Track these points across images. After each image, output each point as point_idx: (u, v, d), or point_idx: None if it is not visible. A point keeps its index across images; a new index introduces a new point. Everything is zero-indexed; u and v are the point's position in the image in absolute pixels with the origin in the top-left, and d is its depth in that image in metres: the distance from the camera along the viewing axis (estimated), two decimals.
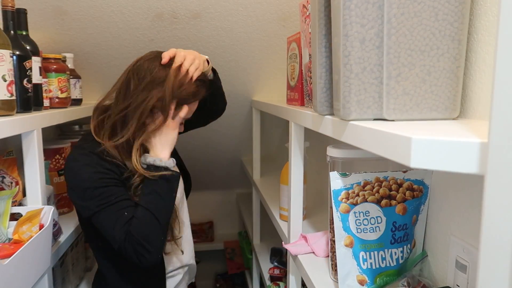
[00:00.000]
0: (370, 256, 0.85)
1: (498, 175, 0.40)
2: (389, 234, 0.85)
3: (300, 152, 1.20)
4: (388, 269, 0.86)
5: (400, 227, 0.86)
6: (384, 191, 0.85)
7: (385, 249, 0.86)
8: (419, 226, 0.90)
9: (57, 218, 1.27)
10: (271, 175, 2.13)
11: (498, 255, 0.40)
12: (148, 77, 1.08)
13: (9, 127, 0.96)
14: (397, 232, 0.86)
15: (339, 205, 0.84)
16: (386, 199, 0.85)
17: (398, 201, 0.85)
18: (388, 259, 0.86)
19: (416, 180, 0.87)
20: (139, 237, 1.04)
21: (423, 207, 0.89)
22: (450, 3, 0.64)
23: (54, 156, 1.53)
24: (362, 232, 0.85)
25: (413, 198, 0.86)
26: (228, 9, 1.63)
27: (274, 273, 1.82)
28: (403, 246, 0.87)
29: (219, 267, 2.96)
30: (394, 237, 0.86)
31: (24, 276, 0.94)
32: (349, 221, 0.85)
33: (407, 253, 0.88)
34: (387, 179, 0.85)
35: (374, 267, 0.85)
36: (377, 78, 0.66)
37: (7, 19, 1.10)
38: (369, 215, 0.84)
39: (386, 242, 0.85)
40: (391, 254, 0.86)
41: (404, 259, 0.87)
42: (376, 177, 0.85)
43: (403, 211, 0.85)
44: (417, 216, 0.88)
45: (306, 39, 1.00)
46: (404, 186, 0.86)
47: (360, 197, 0.84)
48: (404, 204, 0.85)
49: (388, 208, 0.85)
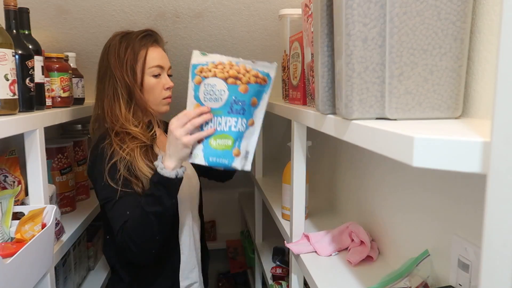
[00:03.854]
0: (211, 120, 1.05)
1: (500, 174, 0.40)
2: (228, 105, 1.03)
3: (302, 151, 1.20)
4: (222, 133, 1.05)
5: (239, 102, 1.03)
6: (233, 72, 1.02)
7: (222, 116, 1.04)
8: (259, 110, 1.07)
9: (60, 217, 1.27)
10: (273, 174, 2.12)
11: (500, 254, 0.40)
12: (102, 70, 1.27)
13: (11, 126, 0.97)
14: (235, 105, 1.03)
15: (194, 77, 1.03)
16: (233, 79, 1.02)
17: (242, 82, 1.02)
18: (223, 125, 1.05)
19: (263, 72, 1.03)
20: (130, 232, 1.09)
21: (265, 95, 1.06)
22: (452, 2, 0.64)
23: (56, 155, 1.54)
24: (208, 101, 1.03)
25: (256, 83, 1.03)
26: (230, 8, 1.63)
27: (277, 272, 1.81)
28: (238, 118, 1.05)
29: (221, 266, 2.96)
30: (231, 108, 1.04)
31: (26, 275, 0.94)
32: (199, 91, 1.03)
33: (242, 126, 1.05)
34: (238, 65, 1.02)
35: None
36: (380, 77, 0.66)
37: (9, 18, 1.10)
38: (215, 88, 1.02)
39: (224, 111, 1.04)
40: (226, 121, 1.05)
41: (238, 130, 1.05)
42: (229, 61, 1.03)
43: (244, 90, 1.02)
44: (258, 100, 1.05)
45: (309, 38, 1.00)
46: (251, 73, 1.02)
47: (212, 72, 1.02)
48: (247, 86, 1.02)
49: (232, 85, 1.02)
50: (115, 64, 1.23)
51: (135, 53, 1.24)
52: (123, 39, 1.26)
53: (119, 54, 1.23)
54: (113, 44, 1.26)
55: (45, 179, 1.16)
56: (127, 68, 1.23)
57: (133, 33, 1.28)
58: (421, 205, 0.94)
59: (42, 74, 1.23)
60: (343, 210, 1.48)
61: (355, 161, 1.34)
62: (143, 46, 1.26)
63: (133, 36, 1.26)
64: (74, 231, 1.39)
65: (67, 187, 1.58)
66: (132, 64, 1.24)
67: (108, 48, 1.26)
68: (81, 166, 1.73)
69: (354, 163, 1.35)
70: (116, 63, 1.23)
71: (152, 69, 1.26)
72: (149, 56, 1.26)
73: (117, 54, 1.23)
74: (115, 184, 1.14)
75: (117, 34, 1.28)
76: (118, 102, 1.23)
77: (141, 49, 1.25)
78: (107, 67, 1.24)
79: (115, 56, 1.23)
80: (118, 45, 1.25)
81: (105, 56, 1.26)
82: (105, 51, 1.27)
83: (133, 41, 1.25)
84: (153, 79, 1.27)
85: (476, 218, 0.74)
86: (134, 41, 1.25)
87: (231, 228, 3.02)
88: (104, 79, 1.25)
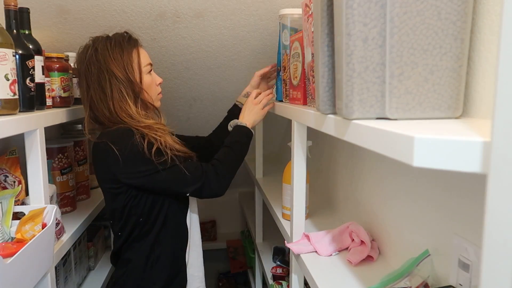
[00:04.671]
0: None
1: (500, 174, 0.40)
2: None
3: (302, 151, 1.20)
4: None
5: None
6: None
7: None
8: None
9: (60, 217, 1.27)
10: (273, 174, 2.13)
11: (501, 254, 0.40)
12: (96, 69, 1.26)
13: (12, 126, 0.97)
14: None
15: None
16: None
17: None
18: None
19: None
20: (226, 164, 1.30)
21: None
22: (453, 2, 0.64)
23: (57, 155, 1.54)
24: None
25: None
26: (231, 8, 1.63)
27: (277, 272, 1.82)
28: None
29: (221, 266, 2.96)
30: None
31: (26, 275, 0.94)
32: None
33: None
34: None
35: None
36: (380, 77, 0.66)
37: (9, 18, 1.10)
38: None
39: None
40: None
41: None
42: None
43: None
44: None
45: (309, 38, 1.00)
46: None
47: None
48: None
49: None
50: (114, 65, 1.24)
51: (129, 53, 1.27)
52: (111, 42, 1.27)
53: (115, 56, 1.25)
54: (101, 47, 1.26)
55: (45, 179, 1.16)
56: (130, 68, 1.26)
57: (117, 35, 1.31)
58: (421, 205, 0.94)
59: (42, 74, 1.23)
60: (343, 210, 1.48)
61: (355, 161, 1.34)
62: (134, 46, 1.30)
63: (120, 39, 1.29)
64: (75, 231, 1.40)
65: (68, 187, 1.58)
66: (132, 64, 1.27)
67: (96, 51, 1.26)
68: (81, 166, 1.73)
69: (354, 163, 1.35)
70: (114, 64, 1.24)
71: (147, 67, 1.32)
72: (141, 55, 1.31)
73: (112, 56, 1.25)
74: (168, 159, 1.21)
75: (97, 38, 1.29)
76: (126, 101, 1.25)
77: (133, 49, 1.29)
78: (100, 70, 1.24)
79: (110, 58, 1.24)
80: (109, 47, 1.26)
81: (93, 59, 1.25)
82: (91, 54, 1.26)
83: (122, 43, 1.28)
84: (149, 76, 1.33)
85: (477, 218, 0.74)
86: (123, 43, 1.28)
87: (232, 228, 3.02)
88: (100, 81, 1.25)
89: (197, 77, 2.05)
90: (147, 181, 1.20)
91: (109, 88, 1.24)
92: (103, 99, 1.25)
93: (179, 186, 1.24)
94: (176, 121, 2.19)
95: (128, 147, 1.17)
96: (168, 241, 1.31)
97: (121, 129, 1.22)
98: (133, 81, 1.26)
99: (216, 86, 2.13)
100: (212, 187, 1.26)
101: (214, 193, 1.28)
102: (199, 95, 2.19)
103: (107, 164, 1.20)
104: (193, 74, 2.03)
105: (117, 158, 1.16)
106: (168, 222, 1.30)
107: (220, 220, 3.02)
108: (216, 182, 1.26)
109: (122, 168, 1.18)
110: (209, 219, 2.96)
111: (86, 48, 1.29)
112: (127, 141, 1.18)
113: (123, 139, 1.19)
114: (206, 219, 2.95)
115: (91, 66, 1.25)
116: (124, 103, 1.25)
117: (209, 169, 1.26)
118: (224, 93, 2.18)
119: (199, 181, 1.23)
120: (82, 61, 1.27)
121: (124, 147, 1.17)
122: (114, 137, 1.20)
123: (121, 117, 1.24)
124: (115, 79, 1.24)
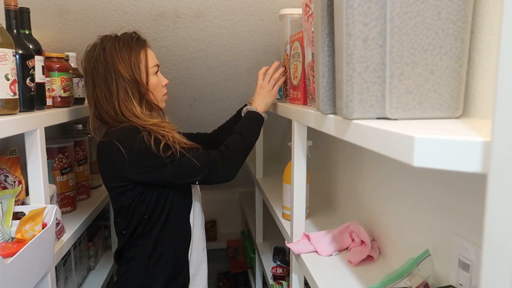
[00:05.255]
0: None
1: (501, 174, 0.40)
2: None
3: (303, 151, 1.20)
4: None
5: None
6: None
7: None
8: None
9: (60, 217, 1.27)
10: (274, 174, 2.13)
11: (501, 253, 0.40)
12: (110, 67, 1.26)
13: (12, 126, 0.97)
14: None
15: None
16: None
17: None
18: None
19: None
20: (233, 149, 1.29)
21: None
22: (453, 2, 0.64)
23: (57, 155, 1.54)
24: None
25: None
26: (231, 8, 1.63)
27: (277, 272, 1.82)
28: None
29: (222, 266, 2.96)
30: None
31: (27, 275, 0.94)
32: None
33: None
34: None
35: None
36: (380, 77, 0.66)
37: (10, 18, 1.10)
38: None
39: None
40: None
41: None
42: None
43: None
44: None
45: (309, 38, 1.00)
46: None
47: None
48: None
49: None
50: (121, 65, 1.24)
51: (137, 54, 1.27)
52: (119, 42, 1.27)
53: (122, 57, 1.25)
54: (109, 46, 1.26)
55: (45, 179, 1.16)
56: (136, 69, 1.26)
57: (125, 35, 1.30)
58: (421, 205, 0.94)
59: (42, 74, 1.23)
60: (343, 210, 1.48)
61: (355, 160, 1.34)
62: (142, 47, 1.30)
63: (128, 39, 1.29)
64: (75, 231, 1.40)
65: (68, 187, 1.58)
66: (139, 65, 1.27)
67: (104, 50, 1.26)
68: (81, 166, 1.73)
69: (354, 162, 1.35)
70: (122, 64, 1.24)
71: (154, 68, 1.32)
72: (149, 56, 1.31)
73: (120, 56, 1.25)
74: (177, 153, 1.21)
75: (106, 37, 1.29)
76: (131, 102, 1.26)
77: (141, 50, 1.29)
78: (107, 69, 1.24)
79: (118, 58, 1.24)
80: (118, 47, 1.26)
81: (101, 58, 1.25)
82: (99, 53, 1.26)
83: (131, 44, 1.28)
84: (156, 77, 1.33)
85: (477, 218, 0.74)
86: (131, 43, 1.28)
87: (232, 227, 3.02)
88: (106, 81, 1.25)
89: (197, 77, 2.05)
90: (155, 175, 1.20)
91: (115, 88, 1.24)
92: (108, 98, 1.25)
93: (187, 176, 1.24)
94: (176, 120, 2.19)
95: (136, 144, 1.18)
96: (171, 239, 1.31)
97: (126, 127, 1.23)
98: (140, 82, 1.26)
99: (216, 86, 2.13)
100: (219, 174, 1.26)
101: (222, 179, 1.28)
102: (199, 95, 2.19)
103: (114, 162, 1.20)
104: (193, 74, 2.03)
105: (123, 156, 1.17)
106: (171, 220, 1.30)
107: (220, 220, 3.02)
108: (223, 168, 1.26)
109: (130, 165, 1.18)
110: (209, 219, 2.96)
111: (94, 46, 1.29)
112: (134, 139, 1.18)
113: (129, 137, 1.19)
114: (206, 219, 2.93)
115: (98, 65, 1.25)
116: (129, 103, 1.25)
117: (215, 156, 1.26)
118: (224, 93, 2.18)
119: (205, 169, 1.23)
120: (90, 60, 1.27)
121: (131, 145, 1.17)
122: (120, 135, 1.20)
123: (127, 117, 1.25)
124: (122, 79, 1.24)
